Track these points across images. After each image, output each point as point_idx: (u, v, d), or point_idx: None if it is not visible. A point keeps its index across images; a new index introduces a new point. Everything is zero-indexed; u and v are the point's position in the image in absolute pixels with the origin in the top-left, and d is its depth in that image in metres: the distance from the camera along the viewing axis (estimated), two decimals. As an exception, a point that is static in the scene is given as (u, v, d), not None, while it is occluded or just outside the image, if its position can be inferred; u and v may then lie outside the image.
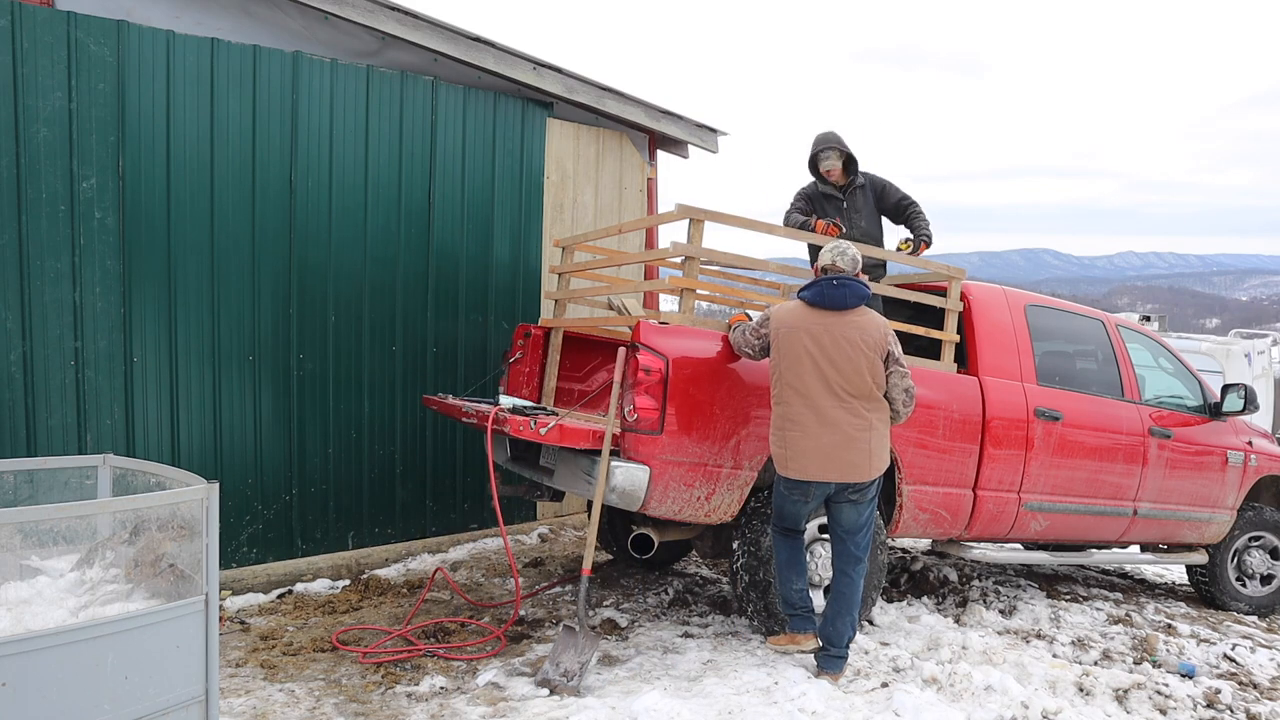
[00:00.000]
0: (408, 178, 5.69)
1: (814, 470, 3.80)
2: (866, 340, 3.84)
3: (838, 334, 3.82)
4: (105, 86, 4.55)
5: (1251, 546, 6.15)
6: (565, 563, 5.95)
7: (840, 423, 3.79)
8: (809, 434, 3.80)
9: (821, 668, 3.95)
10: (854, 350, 3.82)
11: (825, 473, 3.81)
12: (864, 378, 3.82)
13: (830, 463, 3.79)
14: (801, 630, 4.06)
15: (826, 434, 3.78)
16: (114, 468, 3.46)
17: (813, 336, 3.82)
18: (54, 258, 4.49)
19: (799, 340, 3.83)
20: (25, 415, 4.44)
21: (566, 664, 3.84)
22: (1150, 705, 3.98)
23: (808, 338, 3.82)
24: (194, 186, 4.86)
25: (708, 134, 7.39)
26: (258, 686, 3.76)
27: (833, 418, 3.79)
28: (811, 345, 3.81)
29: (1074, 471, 5.18)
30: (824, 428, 3.79)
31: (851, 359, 3.81)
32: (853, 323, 3.87)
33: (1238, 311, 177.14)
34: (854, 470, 3.81)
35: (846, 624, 3.94)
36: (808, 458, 3.80)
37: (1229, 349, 10.70)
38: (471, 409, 4.61)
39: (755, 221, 4.61)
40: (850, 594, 3.93)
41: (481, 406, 4.64)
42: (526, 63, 6.14)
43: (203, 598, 2.78)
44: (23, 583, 2.86)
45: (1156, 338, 6.11)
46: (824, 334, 3.82)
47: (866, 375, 3.83)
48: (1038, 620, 5.26)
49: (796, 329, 3.85)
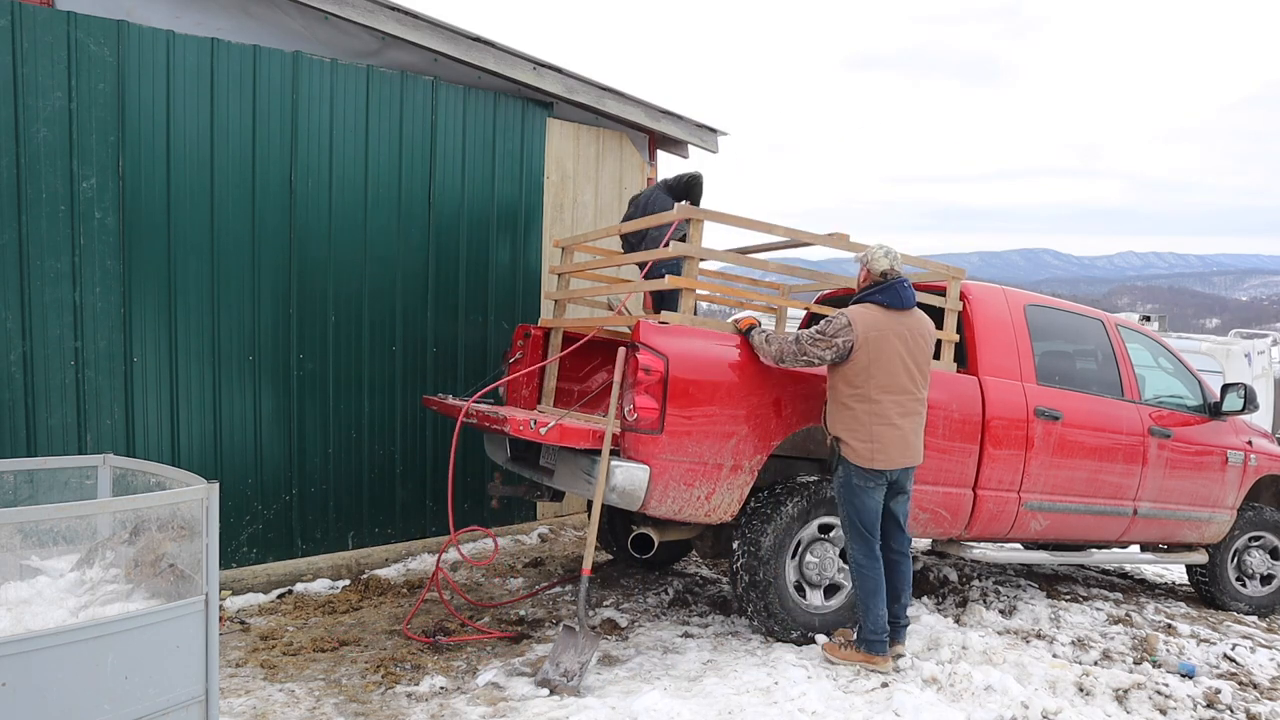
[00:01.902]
0: (407, 177, 5.69)
1: (896, 458, 4.06)
2: (929, 335, 4.23)
3: (915, 332, 4.14)
4: (105, 86, 4.55)
5: (1251, 546, 6.15)
6: (565, 563, 5.95)
7: (914, 412, 4.14)
8: (895, 426, 4.06)
9: (896, 639, 4.24)
10: (926, 345, 4.19)
11: (905, 458, 4.09)
12: (928, 370, 4.21)
13: (908, 449, 4.11)
14: (882, 652, 4.10)
15: (907, 423, 4.10)
16: (114, 468, 3.46)
17: (900, 338, 4.08)
18: (54, 258, 4.49)
19: (891, 344, 4.06)
20: (25, 415, 4.44)
21: (566, 664, 3.84)
22: (1150, 705, 3.98)
23: (897, 340, 4.07)
24: (194, 186, 4.86)
25: (708, 134, 7.39)
26: (258, 686, 3.76)
27: (910, 408, 4.12)
28: (900, 347, 4.08)
29: (1074, 471, 5.18)
30: (905, 418, 4.09)
31: (925, 353, 4.18)
32: (919, 319, 4.21)
33: (1238, 311, 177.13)
34: (918, 454, 4.18)
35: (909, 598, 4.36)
36: (894, 448, 4.05)
37: (1229, 349, 10.70)
38: (474, 409, 4.61)
39: (755, 221, 4.61)
40: (909, 572, 4.31)
41: (482, 407, 4.64)
42: (526, 63, 6.14)
43: (203, 598, 2.78)
44: (23, 583, 2.86)
45: (1156, 338, 6.11)
46: (906, 334, 4.11)
47: (928, 367, 4.22)
48: (1038, 620, 5.26)
49: (886, 333, 4.06)
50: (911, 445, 4.11)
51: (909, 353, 4.08)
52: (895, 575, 4.23)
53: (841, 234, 4.70)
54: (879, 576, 4.10)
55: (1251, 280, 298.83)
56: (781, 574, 4.30)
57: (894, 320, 4.08)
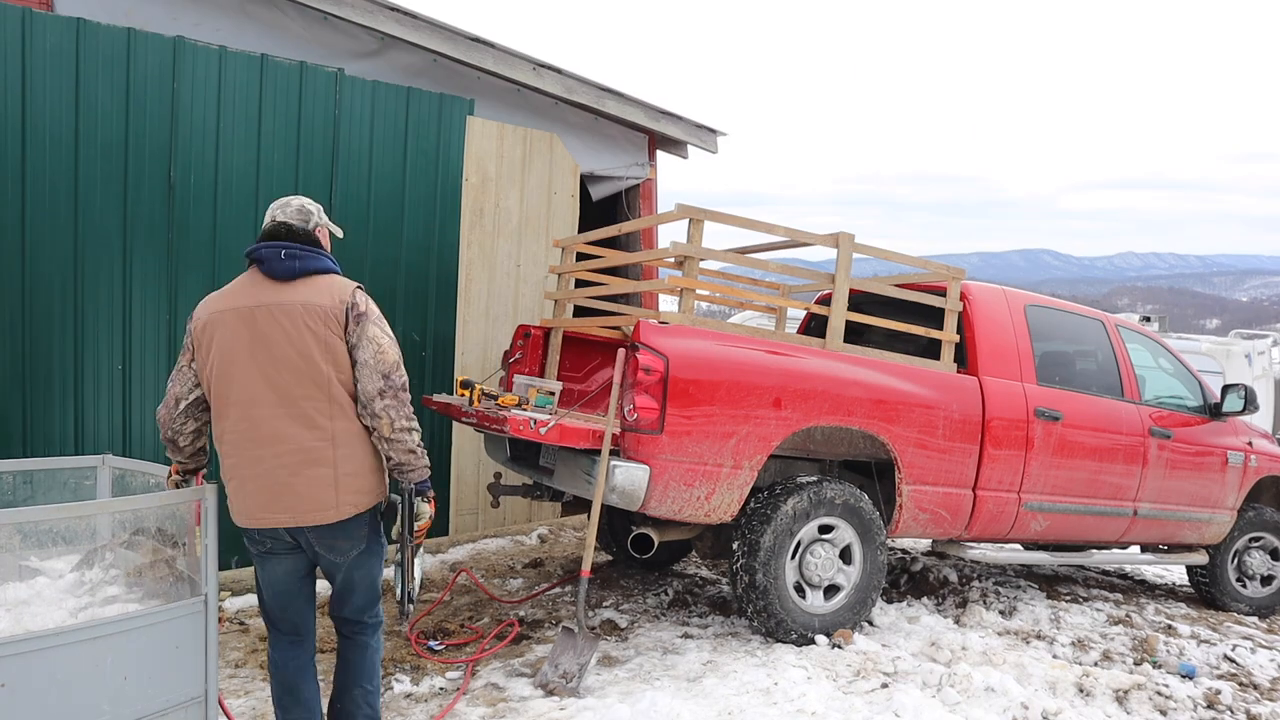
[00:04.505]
0: (305, 175, 5.27)
1: (247, 508, 2.93)
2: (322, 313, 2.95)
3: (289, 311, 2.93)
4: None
5: (1252, 547, 6.15)
6: (565, 563, 5.94)
7: (271, 438, 2.92)
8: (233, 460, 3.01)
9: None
10: (317, 327, 2.94)
11: (261, 510, 2.95)
12: (317, 365, 2.93)
13: (266, 495, 2.95)
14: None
15: (258, 454, 2.94)
16: (113, 468, 3.46)
17: (250, 320, 2.95)
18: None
19: (234, 331, 2.92)
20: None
21: (565, 665, 3.83)
22: (1150, 706, 3.98)
23: (243, 325, 2.93)
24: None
25: (707, 134, 7.39)
26: (257, 687, 3.76)
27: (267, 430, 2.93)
28: (246, 333, 2.95)
29: (1074, 472, 5.18)
30: (254, 446, 2.95)
31: (308, 340, 2.93)
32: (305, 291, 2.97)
33: (1238, 312, 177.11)
34: (298, 504, 2.91)
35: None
36: (241, 495, 2.96)
37: (1229, 349, 10.69)
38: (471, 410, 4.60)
39: (755, 221, 4.61)
40: (366, 664, 3.06)
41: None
42: (526, 63, 6.13)
43: (202, 598, 2.78)
44: (22, 583, 2.86)
45: (1156, 338, 6.11)
46: (269, 315, 2.95)
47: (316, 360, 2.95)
48: (1038, 621, 5.26)
49: (227, 315, 2.94)
50: (277, 490, 2.69)
51: (266, 343, 2.71)
52: (338, 660, 3.03)
53: (847, 234, 4.69)
54: (278, 674, 2.96)
55: (1252, 281, 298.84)
56: (781, 575, 4.30)
57: (250, 295, 2.76)
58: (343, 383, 2.72)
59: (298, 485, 2.68)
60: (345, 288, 2.77)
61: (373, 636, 3.01)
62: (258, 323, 2.69)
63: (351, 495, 2.73)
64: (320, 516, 2.70)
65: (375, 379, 2.71)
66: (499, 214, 6.31)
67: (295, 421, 2.67)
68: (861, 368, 4.53)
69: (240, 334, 2.70)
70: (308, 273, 2.76)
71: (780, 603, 4.30)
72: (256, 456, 2.69)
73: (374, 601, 2.98)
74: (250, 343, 2.69)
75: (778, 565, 4.28)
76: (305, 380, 2.68)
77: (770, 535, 4.25)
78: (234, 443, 2.72)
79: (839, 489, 4.43)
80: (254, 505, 2.72)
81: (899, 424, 4.54)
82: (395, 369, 2.76)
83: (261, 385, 2.68)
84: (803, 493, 4.35)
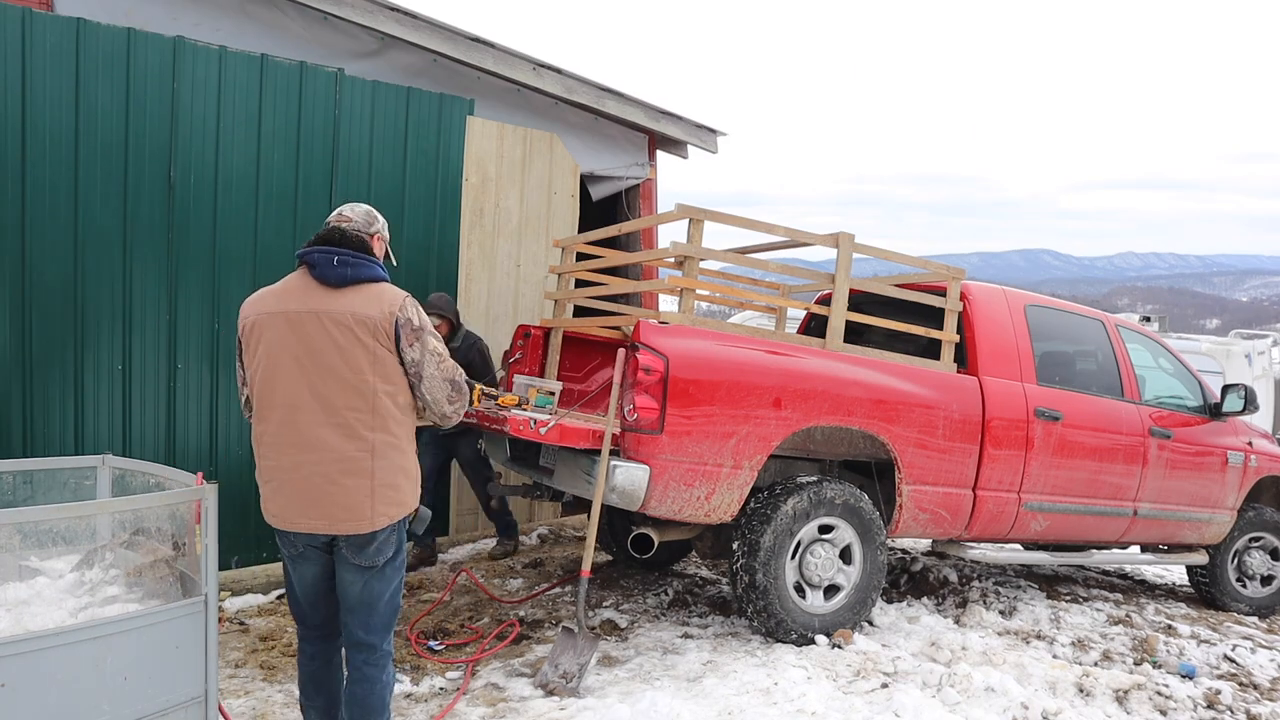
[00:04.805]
0: (305, 176, 5.27)
1: (283, 511, 2.96)
2: (370, 324, 2.96)
3: (337, 320, 2.94)
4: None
5: (1252, 547, 6.15)
6: (565, 563, 5.94)
7: (315, 445, 2.97)
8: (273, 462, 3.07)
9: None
10: (359, 338, 2.97)
11: (301, 515, 2.98)
12: (363, 373, 2.95)
13: (302, 501, 3.01)
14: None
15: (300, 459, 2.99)
16: (113, 468, 3.46)
17: (298, 325, 2.97)
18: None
19: (282, 335, 2.96)
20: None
21: (565, 665, 3.83)
22: (1150, 706, 3.98)
23: (290, 329, 2.96)
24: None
25: (707, 134, 7.39)
26: (257, 687, 3.76)
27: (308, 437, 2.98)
28: (294, 339, 3.00)
29: (1074, 472, 5.18)
30: (296, 452, 2.99)
31: (353, 351, 2.96)
32: (355, 299, 2.99)
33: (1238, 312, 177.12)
34: (338, 513, 2.94)
35: None
36: (279, 496, 2.99)
37: (1229, 349, 10.69)
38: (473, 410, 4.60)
39: (755, 221, 4.61)
40: (376, 698, 2.96)
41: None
42: (526, 63, 6.14)
43: (202, 598, 2.78)
44: (22, 583, 2.86)
45: (1156, 338, 6.11)
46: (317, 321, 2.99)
47: (366, 370, 2.97)
48: (1038, 621, 5.26)
49: (276, 318, 2.95)
50: (313, 497, 2.70)
51: (314, 350, 2.72)
52: (347, 692, 2.92)
53: (847, 234, 4.69)
54: (301, 675, 3.00)
55: (1252, 281, 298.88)
56: (781, 575, 4.30)
57: (300, 299, 2.75)
58: (388, 394, 2.72)
59: (335, 494, 2.69)
60: (395, 299, 2.76)
61: (384, 670, 2.90)
62: (306, 329, 2.70)
63: (385, 506, 2.73)
64: (354, 526, 2.70)
65: (444, 387, 2.81)
66: (499, 214, 6.30)
67: (337, 430, 2.68)
68: (861, 368, 4.53)
69: (287, 339, 2.70)
70: (359, 280, 2.75)
71: (780, 603, 4.30)
72: (296, 461, 2.70)
73: (390, 625, 2.91)
74: (297, 348, 2.69)
75: (778, 565, 4.28)
76: (350, 391, 2.69)
77: (770, 535, 4.25)
78: (274, 445, 2.73)
79: (839, 489, 4.43)
80: (291, 509, 2.73)
81: (899, 424, 4.54)
82: (456, 371, 2.86)
83: (306, 392, 2.68)
84: (803, 493, 4.34)
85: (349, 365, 2.68)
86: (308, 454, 2.69)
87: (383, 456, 2.72)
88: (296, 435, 2.69)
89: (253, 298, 2.83)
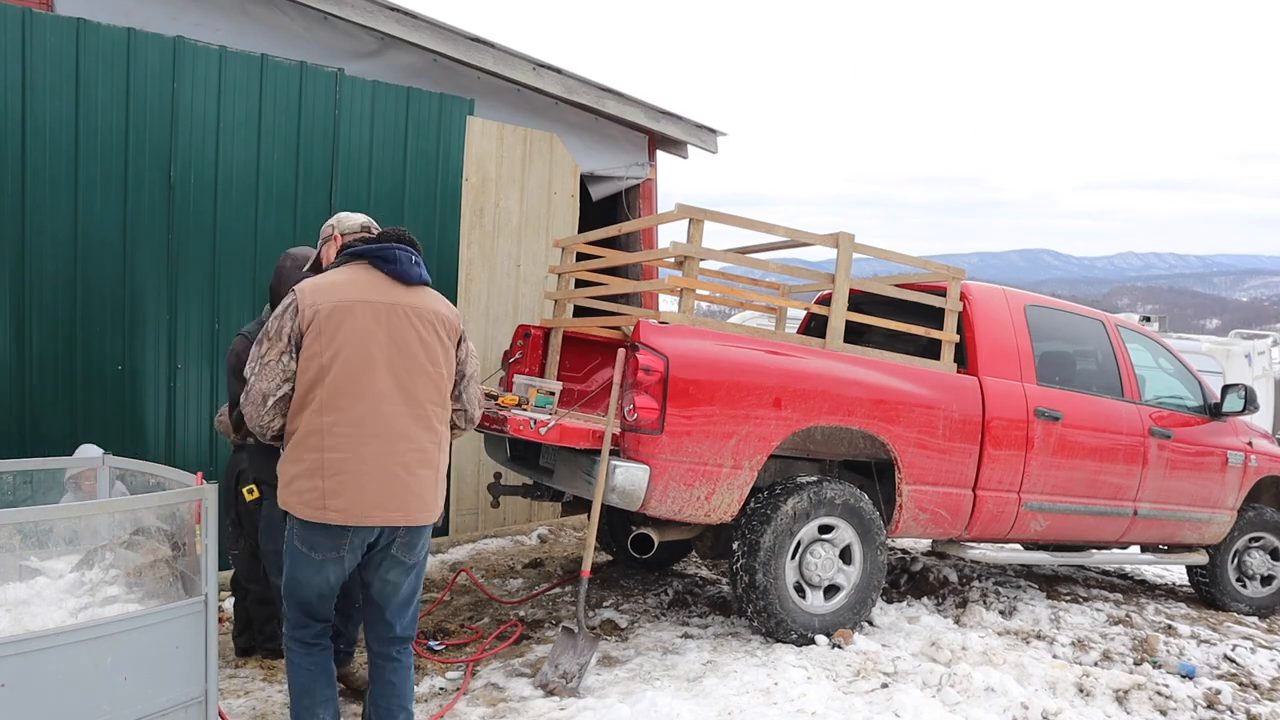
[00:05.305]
0: (305, 176, 5.27)
1: (357, 505, 2.95)
2: (443, 323, 3.10)
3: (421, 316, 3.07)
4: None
5: (1252, 547, 6.15)
6: (565, 563, 5.94)
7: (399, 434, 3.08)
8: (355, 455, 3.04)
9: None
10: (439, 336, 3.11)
11: (377, 509, 3.00)
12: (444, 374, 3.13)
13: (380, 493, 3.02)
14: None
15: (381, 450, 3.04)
16: (113, 468, 3.46)
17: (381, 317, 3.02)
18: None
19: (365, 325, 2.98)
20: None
21: (565, 666, 3.83)
22: (1150, 706, 3.98)
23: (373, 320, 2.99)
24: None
25: (707, 134, 7.39)
26: (257, 687, 3.76)
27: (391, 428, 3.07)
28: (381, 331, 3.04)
29: (1074, 472, 5.18)
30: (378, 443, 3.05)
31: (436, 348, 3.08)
32: (430, 299, 3.12)
33: (1238, 312, 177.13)
34: (415, 503, 3.00)
35: None
36: (352, 489, 3.00)
37: (1229, 349, 10.70)
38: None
39: (755, 221, 4.61)
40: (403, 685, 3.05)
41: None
42: (526, 63, 6.14)
43: (202, 598, 2.78)
44: (22, 583, 2.86)
45: (1156, 338, 6.11)
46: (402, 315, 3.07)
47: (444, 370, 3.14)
48: (1038, 621, 5.25)
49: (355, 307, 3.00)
50: (393, 488, 2.69)
51: (400, 342, 2.76)
52: (379, 684, 2.95)
53: (847, 234, 4.69)
54: (312, 673, 2.88)
55: (1252, 281, 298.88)
56: (781, 575, 4.30)
57: (380, 292, 2.77)
58: (449, 391, 2.90)
59: (413, 484, 2.72)
60: (448, 302, 2.96)
61: (410, 654, 3.02)
62: (393, 321, 2.73)
63: (441, 497, 2.87)
64: (426, 516, 2.77)
65: (479, 393, 2.99)
66: (499, 214, 6.29)
67: (417, 422, 2.75)
68: (861, 368, 4.53)
69: (374, 329, 2.70)
70: (424, 281, 2.88)
71: (780, 603, 4.30)
72: (379, 451, 2.67)
73: (414, 618, 2.98)
74: (384, 339, 2.71)
75: (778, 565, 4.28)
76: (430, 384, 2.78)
77: (770, 535, 4.25)
78: (352, 436, 2.65)
79: (839, 489, 4.43)
80: (365, 503, 2.65)
81: (899, 424, 4.54)
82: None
83: (391, 382, 2.70)
84: (803, 493, 4.34)
85: (430, 359, 2.78)
86: (393, 444, 2.69)
87: (444, 450, 2.86)
88: (382, 425, 2.68)
89: (314, 286, 2.74)
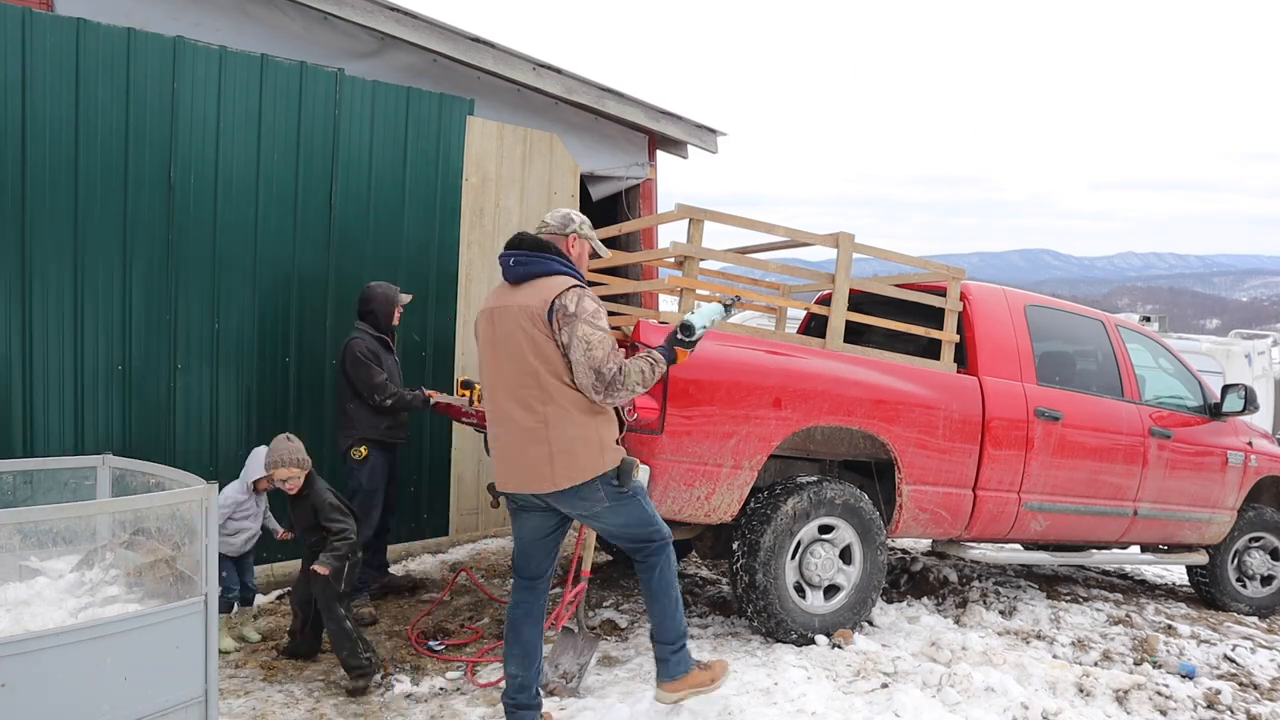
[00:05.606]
0: (305, 176, 5.24)
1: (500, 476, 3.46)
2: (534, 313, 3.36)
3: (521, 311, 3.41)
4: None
5: (1252, 547, 6.15)
6: (564, 563, 5.94)
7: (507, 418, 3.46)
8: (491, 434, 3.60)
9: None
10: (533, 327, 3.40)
11: (505, 478, 3.46)
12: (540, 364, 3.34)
13: (504, 467, 3.51)
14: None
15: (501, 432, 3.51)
16: (113, 468, 3.46)
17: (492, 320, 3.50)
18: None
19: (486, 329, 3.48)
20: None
21: (565, 666, 3.83)
22: (1150, 706, 3.98)
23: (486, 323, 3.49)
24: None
25: (707, 134, 7.39)
26: (257, 687, 3.76)
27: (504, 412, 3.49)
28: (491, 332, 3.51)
29: (1074, 472, 5.18)
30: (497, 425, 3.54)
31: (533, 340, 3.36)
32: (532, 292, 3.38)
33: (1238, 312, 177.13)
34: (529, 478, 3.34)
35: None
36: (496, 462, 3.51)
37: (1229, 349, 10.70)
38: (472, 411, 4.61)
39: (755, 221, 4.61)
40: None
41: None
42: (526, 63, 6.13)
43: (202, 598, 2.78)
44: (22, 583, 2.86)
45: (1156, 338, 6.11)
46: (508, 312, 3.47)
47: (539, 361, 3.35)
48: (1038, 621, 5.26)
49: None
50: (511, 463, 3.22)
51: (505, 338, 3.20)
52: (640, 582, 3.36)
53: (847, 234, 4.69)
54: (510, 613, 3.38)
55: (1252, 281, 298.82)
56: (781, 575, 4.30)
57: (496, 297, 3.31)
58: (552, 373, 3.09)
59: (523, 460, 3.14)
60: (558, 287, 3.10)
61: (659, 556, 3.29)
62: (496, 321, 3.21)
63: (566, 470, 3.09)
64: (539, 486, 3.13)
65: (589, 374, 3.05)
66: (499, 214, 6.28)
67: (518, 406, 3.13)
68: (861, 368, 4.53)
69: (487, 331, 3.25)
70: (532, 276, 3.17)
71: (780, 603, 4.30)
72: (496, 434, 3.25)
73: (645, 536, 3.28)
74: (494, 337, 3.21)
75: (778, 565, 4.28)
76: (521, 371, 3.12)
77: (770, 535, 4.25)
78: (491, 423, 3.29)
79: (839, 489, 4.43)
80: (499, 473, 3.26)
81: (899, 424, 4.54)
82: (605, 363, 3.05)
83: (498, 375, 3.20)
84: (803, 493, 4.35)
85: (520, 349, 3.12)
86: (503, 426, 3.20)
87: (556, 426, 3.09)
88: (497, 410, 3.23)
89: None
